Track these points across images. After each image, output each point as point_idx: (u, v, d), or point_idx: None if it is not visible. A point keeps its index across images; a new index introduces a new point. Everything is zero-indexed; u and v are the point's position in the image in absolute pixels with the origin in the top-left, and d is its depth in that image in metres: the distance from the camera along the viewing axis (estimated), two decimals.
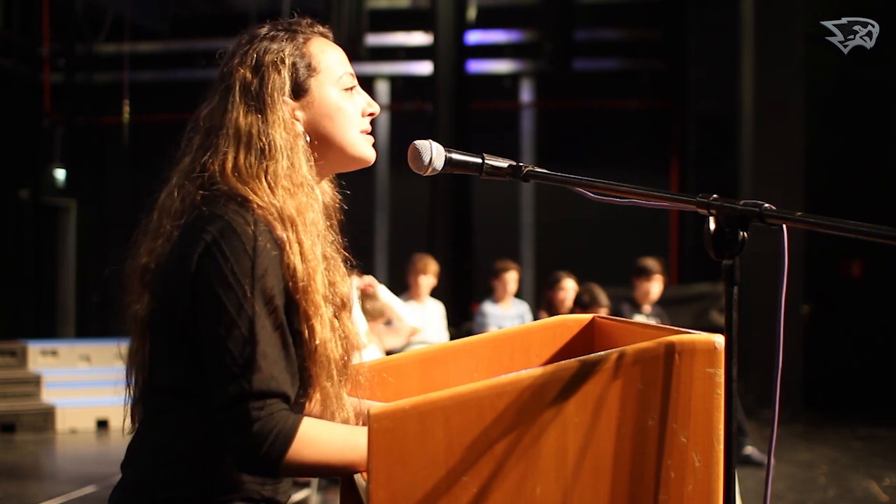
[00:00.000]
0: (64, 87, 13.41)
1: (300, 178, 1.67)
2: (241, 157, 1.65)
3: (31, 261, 13.01)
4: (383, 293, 6.18)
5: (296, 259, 1.59)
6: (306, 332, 1.60)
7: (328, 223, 1.74)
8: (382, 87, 13.47)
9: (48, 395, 9.12)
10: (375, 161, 1.79)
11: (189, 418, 1.61)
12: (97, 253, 13.10)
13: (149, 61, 13.29)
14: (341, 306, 1.69)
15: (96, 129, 13.62)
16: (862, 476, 6.99)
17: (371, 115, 1.78)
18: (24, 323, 12.68)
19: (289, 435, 1.51)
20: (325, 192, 1.80)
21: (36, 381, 9.13)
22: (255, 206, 1.59)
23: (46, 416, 8.95)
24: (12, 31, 12.80)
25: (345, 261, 1.75)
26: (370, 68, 13.08)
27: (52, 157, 13.31)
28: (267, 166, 1.64)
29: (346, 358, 1.68)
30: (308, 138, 1.72)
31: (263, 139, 1.65)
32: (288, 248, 1.59)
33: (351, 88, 1.76)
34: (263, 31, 1.74)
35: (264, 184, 1.63)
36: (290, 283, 1.58)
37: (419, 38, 12.75)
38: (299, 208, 1.63)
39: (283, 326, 1.57)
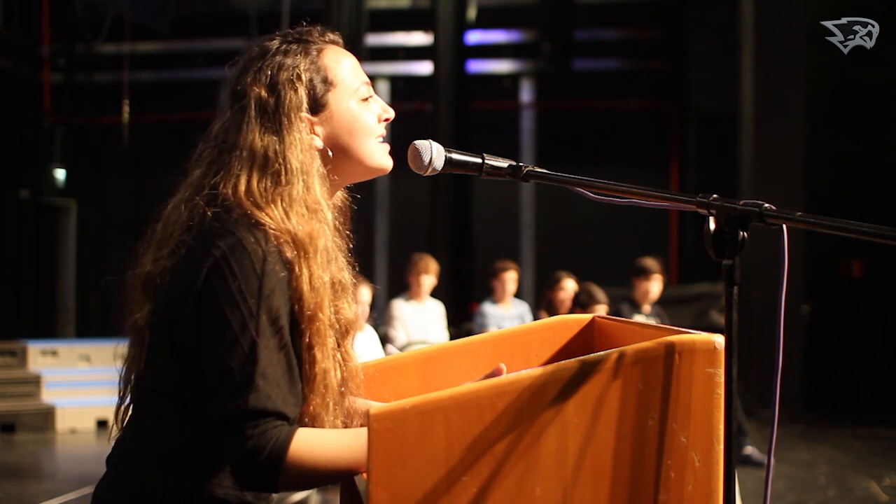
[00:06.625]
0: (64, 87, 13.41)
1: (313, 201, 1.64)
2: (255, 180, 1.61)
3: (31, 261, 13.00)
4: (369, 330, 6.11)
5: (304, 285, 1.57)
6: (308, 358, 1.58)
7: (337, 231, 1.71)
8: (382, 87, 13.46)
9: (48, 395, 9.11)
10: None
11: (173, 419, 1.61)
12: (97, 253, 13.09)
13: (149, 61, 13.28)
14: (344, 333, 1.68)
15: (96, 129, 13.62)
16: (862, 476, 6.99)
17: (387, 119, 1.75)
18: (24, 323, 12.68)
19: (283, 447, 1.49)
20: (336, 196, 1.77)
21: (36, 381, 9.12)
22: (268, 227, 1.57)
23: (46, 416, 8.95)
24: (12, 31, 12.79)
25: (353, 282, 1.72)
26: (370, 68, 13.03)
27: (52, 157, 13.30)
28: (283, 191, 1.61)
29: (343, 387, 1.66)
30: (330, 153, 1.69)
31: (280, 162, 1.62)
32: (297, 271, 1.56)
33: (367, 98, 1.74)
34: (275, 44, 1.69)
35: (280, 208, 1.60)
36: (297, 307, 1.57)
37: (419, 38, 12.75)
38: (312, 234, 1.60)
39: (288, 347, 1.56)
